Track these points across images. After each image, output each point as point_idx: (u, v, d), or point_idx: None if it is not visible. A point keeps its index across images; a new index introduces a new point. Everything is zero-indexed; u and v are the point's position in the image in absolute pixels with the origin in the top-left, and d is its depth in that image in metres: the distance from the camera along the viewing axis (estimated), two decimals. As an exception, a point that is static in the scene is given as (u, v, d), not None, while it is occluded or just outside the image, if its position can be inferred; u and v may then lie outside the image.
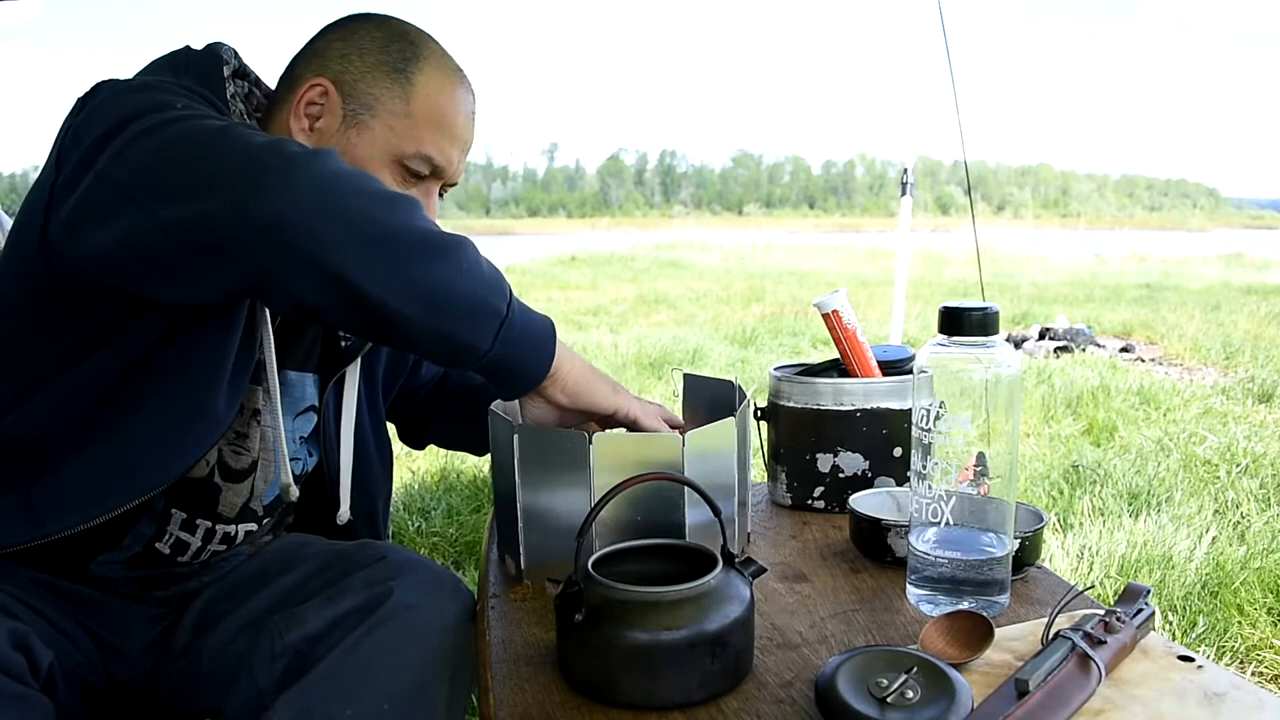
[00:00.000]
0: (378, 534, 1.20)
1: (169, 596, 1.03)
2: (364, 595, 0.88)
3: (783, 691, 0.75)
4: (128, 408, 0.88)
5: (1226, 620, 1.95)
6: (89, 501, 0.89)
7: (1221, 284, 11.00)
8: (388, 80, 0.96)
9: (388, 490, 1.24)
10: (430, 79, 0.97)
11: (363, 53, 0.97)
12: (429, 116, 0.97)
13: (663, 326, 7.22)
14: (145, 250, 0.77)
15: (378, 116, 0.96)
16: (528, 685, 0.77)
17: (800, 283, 11.00)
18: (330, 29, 1.00)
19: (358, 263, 0.73)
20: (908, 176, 4.13)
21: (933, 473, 0.85)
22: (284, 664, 0.86)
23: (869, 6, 65.82)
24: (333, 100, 0.96)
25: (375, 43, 0.97)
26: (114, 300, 0.84)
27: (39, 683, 0.79)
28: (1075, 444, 3.46)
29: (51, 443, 0.89)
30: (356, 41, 0.97)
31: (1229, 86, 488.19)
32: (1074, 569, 2.22)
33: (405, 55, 0.97)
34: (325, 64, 0.97)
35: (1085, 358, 5.51)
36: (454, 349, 0.81)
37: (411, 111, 0.96)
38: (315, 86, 0.96)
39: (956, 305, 0.85)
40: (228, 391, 0.92)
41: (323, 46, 0.99)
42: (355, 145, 0.95)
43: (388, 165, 0.96)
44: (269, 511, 1.06)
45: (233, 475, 1.00)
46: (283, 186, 0.72)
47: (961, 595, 0.86)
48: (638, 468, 0.86)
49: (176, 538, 0.98)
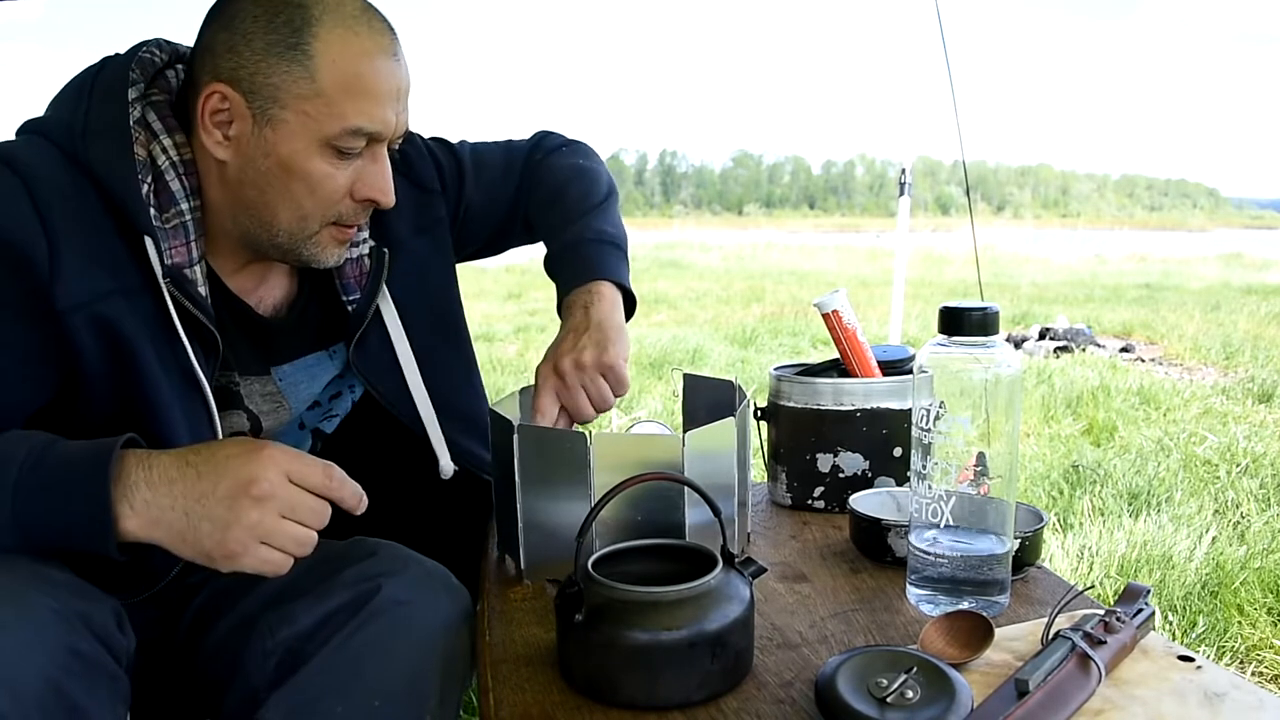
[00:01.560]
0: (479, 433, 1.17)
1: (168, 590, 1.03)
2: (353, 591, 0.87)
3: (783, 691, 0.75)
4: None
5: (1226, 620, 1.95)
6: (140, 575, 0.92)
7: (1221, 284, 11.00)
8: (284, 64, 0.86)
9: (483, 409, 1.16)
10: (330, 43, 0.87)
11: (249, 39, 0.86)
12: (343, 87, 0.87)
13: (663, 326, 7.21)
14: None
15: (287, 106, 0.87)
16: (528, 685, 0.77)
17: (800, 283, 11.00)
18: (210, 18, 0.90)
19: None
20: (905, 176, 4.13)
21: (933, 473, 0.85)
22: (275, 662, 0.86)
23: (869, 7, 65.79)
24: (235, 103, 0.87)
25: (259, 24, 0.86)
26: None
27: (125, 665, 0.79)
28: (1075, 444, 3.46)
29: None
30: (239, 28, 0.87)
31: (1229, 86, 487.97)
32: (1074, 569, 2.22)
33: (294, 25, 0.86)
34: (216, 64, 0.88)
35: (1085, 358, 5.51)
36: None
37: (322, 89, 0.87)
38: (212, 94, 0.87)
39: (956, 305, 0.85)
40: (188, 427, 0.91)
41: (208, 42, 0.89)
42: (275, 144, 0.88)
43: (317, 153, 0.89)
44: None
45: None
46: None
47: (961, 595, 0.86)
48: (638, 468, 0.86)
49: None
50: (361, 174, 0.93)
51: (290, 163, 0.88)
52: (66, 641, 0.71)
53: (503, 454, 0.97)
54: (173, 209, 0.90)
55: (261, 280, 1.02)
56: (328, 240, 0.96)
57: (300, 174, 0.89)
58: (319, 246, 0.95)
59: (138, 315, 0.86)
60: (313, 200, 0.91)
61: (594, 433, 0.91)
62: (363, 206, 0.95)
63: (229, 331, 0.96)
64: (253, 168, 0.89)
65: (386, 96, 0.90)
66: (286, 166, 0.89)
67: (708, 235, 24.51)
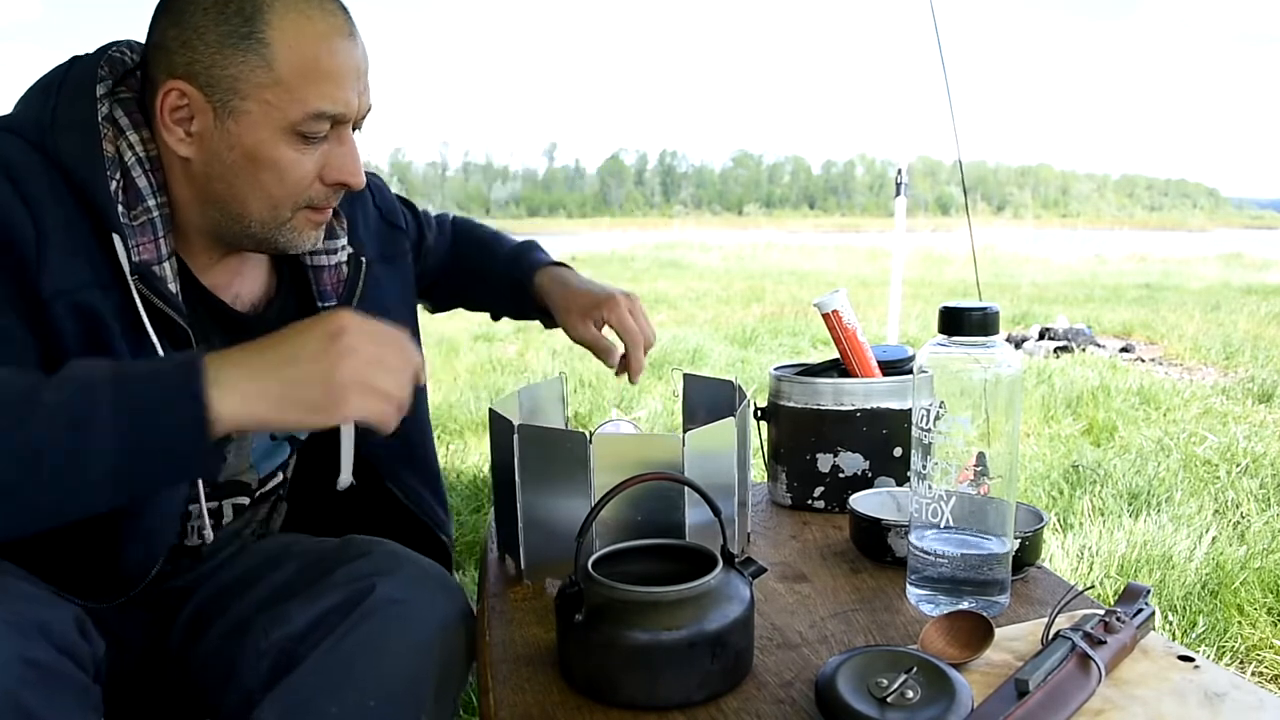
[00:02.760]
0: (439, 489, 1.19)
1: (159, 594, 1.03)
2: (346, 591, 0.87)
3: (783, 691, 0.75)
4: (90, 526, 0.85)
5: (1226, 620, 1.95)
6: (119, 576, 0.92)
7: (1221, 284, 11.00)
8: (239, 54, 0.85)
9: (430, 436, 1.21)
10: (284, 29, 0.86)
11: (201, 32, 0.86)
12: (301, 72, 0.87)
13: (663, 326, 7.21)
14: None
15: (248, 97, 0.86)
16: (528, 685, 0.77)
17: (800, 283, 10.99)
18: (159, 14, 0.90)
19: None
20: (902, 177, 4.14)
21: (933, 473, 0.85)
22: (269, 663, 0.86)
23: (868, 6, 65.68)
24: (194, 99, 0.87)
25: (209, 16, 0.86)
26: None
27: (93, 673, 0.78)
28: (1075, 444, 3.46)
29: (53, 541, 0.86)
30: (190, 22, 0.86)
31: (1229, 86, 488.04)
32: (1074, 569, 2.22)
33: (245, 15, 0.86)
34: (171, 60, 0.87)
35: (1085, 358, 5.50)
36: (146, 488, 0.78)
37: (280, 76, 0.86)
38: (170, 92, 0.87)
39: (956, 305, 0.85)
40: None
41: (159, 39, 0.88)
42: (241, 135, 0.87)
43: (282, 140, 0.89)
44: (263, 484, 1.07)
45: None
46: None
47: (961, 595, 0.86)
48: (637, 467, 0.86)
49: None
50: (329, 157, 0.92)
51: (256, 153, 0.88)
52: (21, 652, 0.69)
53: (503, 454, 0.97)
54: (140, 205, 0.89)
55: (236, 274, 1.01)
56: (303, 224, 0.95)
57: (268, 163, 0.89)
58: (295, 231, 0.95)
59: (110, 308, 0.86)
60: (282, 188, 0.91)
61: (593, 433, 0.91)
62: (333, 190, 0.95)
63: (204, 325, 0.95)
64: (218, 162, 0.89)
65: (346, 77, 0.89)
66: (253, 157, 0.88)
67: (708, 235, 24.50)
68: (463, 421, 3.84)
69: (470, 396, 4.19)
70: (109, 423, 0.69)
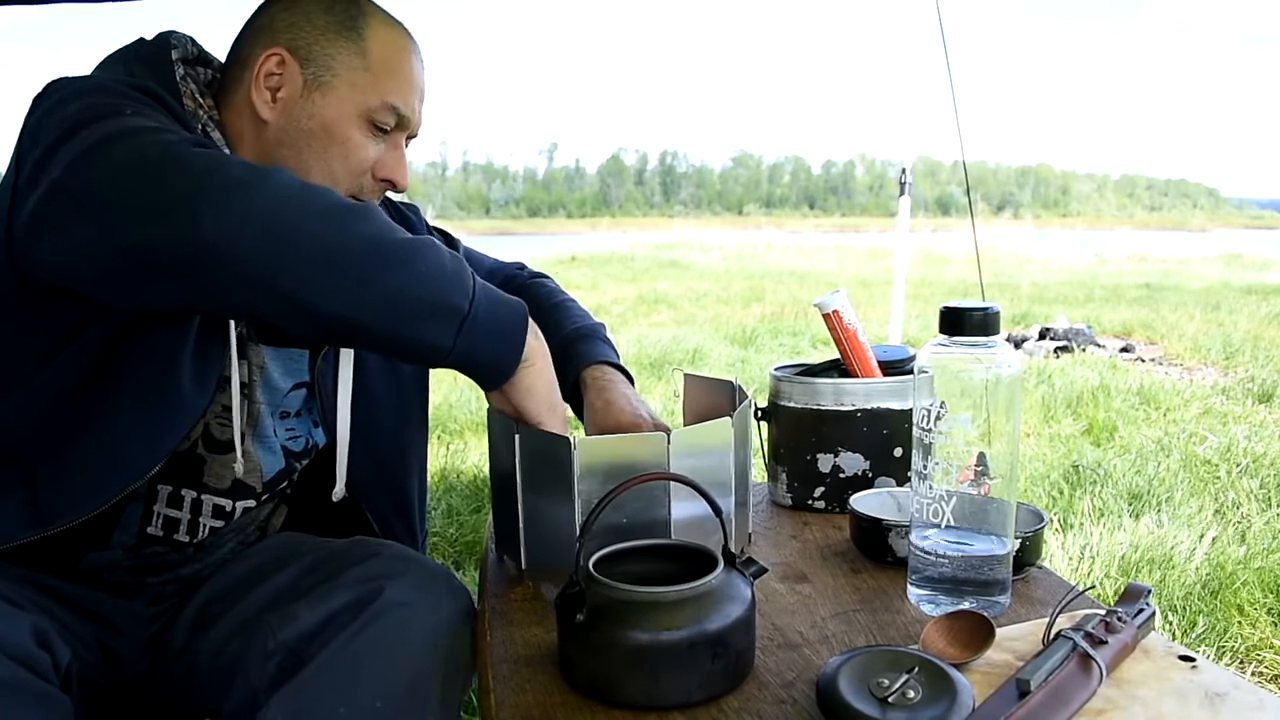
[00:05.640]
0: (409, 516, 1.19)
1: (162, 587, 1.03)
2: (355, 592, 0.87)
3: (784, 691, 0.75)
4: (100, 402, 0.90)
5: (1227, 620, 1.96)
6: (83, 496, 0.90)
7: (1221, 284, 11.00)
8: (342, 39, 0.98)
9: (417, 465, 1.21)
10: (380, 33, 1.00)
11: (310, 17, 0.99)
12: (386, 68, 1.00)
13: (663, 326, 7.22)
14: (99, 264, 0.79)
15: (339, 75, 0.98)
16: (528, 685, 0.77)
17: (800, 283, 11.00)
18: (270, 3, 1.02)
19: (308, 282, 0.76)
20: (906, 176, 4.14)
21: (933, 473, 0.85)
22: (277, 663, 0.86)
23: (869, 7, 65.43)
24: (291, 68, 0.97)
25: (319, 6, 0.99)
26: (78, 299, 0.85)
27: (59, 681, 0.79)
28: (1075, 444, 3.46)
29: (32, 446, 0.90)
30: (301, 9, 0.99)
31: (1229, 87, 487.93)
32: (1074, 569, 2.22)
33: (351, 14, 1.00)
34: (275, 36, 0.99)
35: (1085, 358, 5.51)
36: (418, 351, 0.83)
37: (370, 65, 0.99)
38: (272, 57, 0.97)
39: (957, 305, 0.85)
40: (195, 370, 0.93)
41: (266, 21, 1.00)
42: (322, 108, 0.98)
43: (356, 122, 0.99)
44: (269, 488, 1.07)
45: (217, 447, 1.01)
46: (228, 213, 0.74)
47: (962, 595, 0.86)
48: (623, 468, 0.86)
49: (165, 516, 0.99)
50: (384, 156, 1.02)
51: (333, 127, 0.98)
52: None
53: (502, 455, 0.97)
54: None
55: None
56: None
57: (340, 138, 0.98)
58: None
59: None
60: (344, 166, 0.99)
61: (577, 436, 0.91)
62: (380, 186, 1.03)
63: None
64: (295, 128, 0.98)
65: (416, 88, 1.03)
66: (329, 129, 0.98)
67: (708, 235, 24.47)
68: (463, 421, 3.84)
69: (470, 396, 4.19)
70: (475, 282, 0.84)
